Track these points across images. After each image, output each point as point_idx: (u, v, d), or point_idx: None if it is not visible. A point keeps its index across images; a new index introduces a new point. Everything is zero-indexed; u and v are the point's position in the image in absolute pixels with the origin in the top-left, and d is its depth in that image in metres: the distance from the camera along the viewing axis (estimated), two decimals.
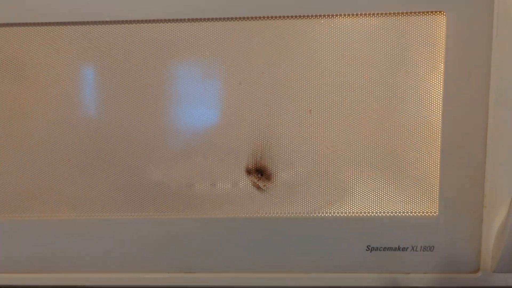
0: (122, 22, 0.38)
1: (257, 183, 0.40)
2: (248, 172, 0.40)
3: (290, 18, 0.37)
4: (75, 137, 0.40)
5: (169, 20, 0.37)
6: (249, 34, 0.38)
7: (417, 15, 0.37)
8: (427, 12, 0.36)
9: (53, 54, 0.39)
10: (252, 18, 0.37)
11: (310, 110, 0.39)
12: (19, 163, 0.41)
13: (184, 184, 0.41)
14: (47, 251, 0.42)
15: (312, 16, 0.37)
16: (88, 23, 0.38)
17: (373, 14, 0.37)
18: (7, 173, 0.41)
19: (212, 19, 0.37)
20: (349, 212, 0.40)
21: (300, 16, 0.37)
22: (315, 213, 0.40)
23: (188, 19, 0.37)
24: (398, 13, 0.37)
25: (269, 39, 0.38)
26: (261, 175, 0.40)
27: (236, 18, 0.37)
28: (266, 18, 0.37)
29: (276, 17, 0.37)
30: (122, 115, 0.39)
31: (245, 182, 0.40)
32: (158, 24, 0.38)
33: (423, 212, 0.39)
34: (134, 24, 0.38)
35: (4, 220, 0.41)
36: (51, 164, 0.41)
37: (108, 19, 0.38)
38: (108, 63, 0.39)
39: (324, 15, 0.37)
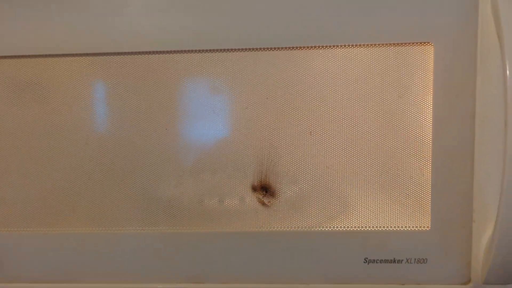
0: (139, 53, 0.42)
1: (262, 199, 0.43)
2: (254, 189, 0.43)
3: (292, 49, 0.41)
4: (94, 155, 0.43)
5: (182, 51, 0.41)
6: (255, 63, 0.41)
7: (408, 45, 0.40)
8: (417, 43, 0.40)
9: (73, 79, 0.42)
10: (258, 49, 0.41)
11: (310, 131, 0.42)
12: (42, 179, 0.44)
13: (195, 200, 0.43)
14: (64, 263, 0.44)
15: (312, 47, 0.40)
16: (105, 54, 0.42)
17: (368, 45, 0.40)
18: (30, 189, 0.44)
19: (223, 50, 0.41)
20: (348, 227, 0.42)
21: (301, 47, 0.41)
22: (316, 227, 0.42)
23: (202, 50, 0.41)
24: (391, 44, 0.40)
25: (273, 67, 0.41)
26: (266, 192, 0.42)
27: (244, 49, 0.41)
28: (270, 49, 0.41)
29: (279, 48, 0.41)
30: (138, 136, 0.43)
31: (251, 198, 0.43)
32: (173, 54, 0.41)
33: (416, 227, 0.42)
34: (151, 55, 0.42)
35: (24, 233, 0.44)
36: (71, 180, 0.44)
37: (126, 51, 0.41)
38: (124, 88, 0.42)
39: (323, 46, 0.40)
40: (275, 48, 0.41)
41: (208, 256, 0.43)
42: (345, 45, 0.40)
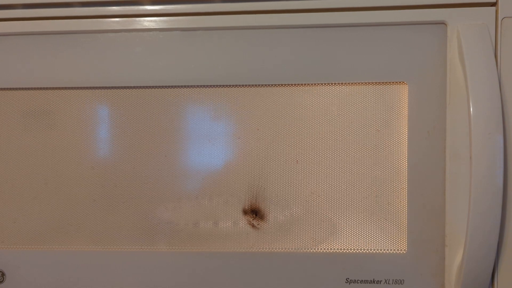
0: (143, 87, 0.46)
1: (252, 221, 0.46)
2: (244, 212, 0.46)
3: (281, 86, 0.45)
4: (99, 180, 0.47)
5: (183, 86, 0.45)
6: (247, 98, 0.45)
7: (385, 85, 0.44)
8: (393, 82, 0.44)
9: (81, 109, 0.46)
10: (249, 85, 0.45)
11: (297, 160, 0.45)
12: (51, 201, 0.47)
13: (191, 223, 0.47)
14: (68, 278, 0.47)
15: (299, 84, 0.45)
16: (112, 87, 0.46)
17: (350, 83, 0.44)
18: (39, 210, 0.47)
19: (220, 85, 0.45)
20: (331, 249, 0.45)
21: (289, 85, 0.45)
22: (301, 249, 0.45)
23: (200, 86, 0.45)
24: (370, 83, 0.44)
25: (263, 102, 0.45)
26: (256, 215, 0.46)
27: (238, 86, 0.45)
28: (261, 86, 0.45)
29: (268, 85, 0.45)
30: (139, 162, 0.46)
31: (242, 221, 0.46)
32: (173, 89, 0.46)
33: (394, 250, 0.45)
34: (153, 89, 0.46)
35: (32, 250, 0.47)
36: (77, 202, 0.47)
37: (131, 85, 0.46)
38: (127, 118, 0.46)
39: (309, 84, 0.45)
40: (265, 85, 0.45)
41: (203, 273, 0.46)
42: (328, 83, 0.45)
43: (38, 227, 0.47)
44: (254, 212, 0.46)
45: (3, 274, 0.48)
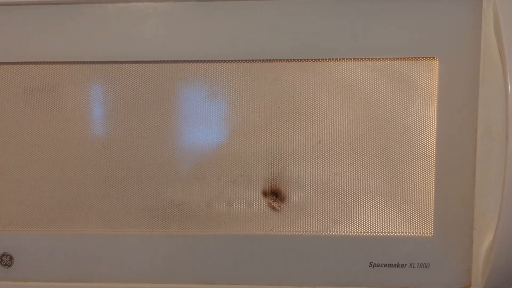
0: (157, 62, 0.43)
1: (272, 204, 0.44)
2: (264, 194, 0.44)
3: (304, 61, 0.42)
4: (112, 160, 0.45)
5: (197, 61, 0.43)
6: (268, 74, 0.43)
7: (414, 60, 0.42)
8: (423, 58, 0.42)
9: (90, 86, 0.44)
10: (270, 60, 0.42)
11: (319, 140, 0.43)
12: (60, 183, 0.45)
13: (204, 204, 0.45)
14: (78, 262, 0.45)
15: (322, 59, 0.42)
16: (123, 62, 0.43)
17: (377, 59, 0.42)
18: (48, 191, 0.45)
19: (239, 61, 0.42)
20: (354, 232, 0.44)
21: (312, 59, 0.42)
22: (323, 232, 0.44)
23: (219, 61, 0.43)
24: (398, 58, 0.42)
25: (286, 79, 0.43)
26: (276, 197, 0.44)
27: (258, 61, 0.42)
28: (282, 61, 0.42)
29: (292, 60, 0.42)
30: (151, 143, 0.44)
31: (262, 203, 0.44)
32: (189, 64, 0.43)
33: (420, 233, 0.43)
34: (166, 64, 0.43)
35: (40, 233, 0.45)
36: (88, 183, 0.45)
37: (143, 59, 0.43)
38: (139, 96, 0.44)
39: (334, 59, 0.42)
40: (288, 60, 0.43)
41: (217, 257, 0.45)
42: (354, 59, 0.42)
43: (47, 209, 0.46)
44: (275, 194, 0.44)
45: (11, 258, 0.46)
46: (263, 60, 0.43)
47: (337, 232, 0.44)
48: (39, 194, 0.45)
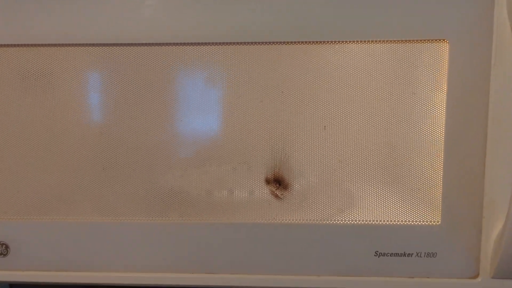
0: (155, 44, 0.42)
1: (275, 191, 0.43)
2: (267, 181, 0.43)
3: (308, 43, 0.41)
4: (110, 146, 0.43)
5: (199, 44, 0.41)
6: (270, 57, 0.41)
7: (423, 42, 0.40)
8: (432, 40, 0.40)
9: (86, 70, 0.42)
10: (274, 43, 0.41)
11: (324, 126, 0.42)
12: (57, 170, 0.44)
13: (204, 192, 0.44)
14: (75, 251, 0.44)
15: (327, 42, 0.41)
16: (117, 44, 0.42)
17: (383, 41, 0.40)
18: (44, 178, 0.44)
19: (240, 43, 0.41)
20: (359, 220, 0.43)
21: (316, 42, 0.41)
22: (328, 220, 0.43)
23: (219, 43, 0.41)
24: (406, 41, 0.40)
25: (289, 62, 0.41)
26: (279, 184, 0.43)
27: (260, 43, 0.41)
28: (287, 43, 0.41)
29: (295, 42, 0.41)
30: (150, 129, 0.43)
31: (264, 191, 0.43)
32: (189, 46, 0.41)
33: (426, 221, 0.42)
34: (165, 47, 0.42)
35: (36, 221, 0.44)
36: (86, 170, 0.44)
37: (143, 42, 0.41)
38: (137, 80, 0.42)
39: (338, 41, 0.41)
40: (291, 43, 0.41)
41: (218, 247, 0.44)
42: (359, 41, 0.41)
43: (43, 197, 0.44)
44: (278, 182, 0.43)
45: (6, 247, 0.45)
46: (265, 43, 0.41)
47: (342, 220, 0.43)
48: (35, 182, 0.44)
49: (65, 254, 0.45)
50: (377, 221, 0.43)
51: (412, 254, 0.42)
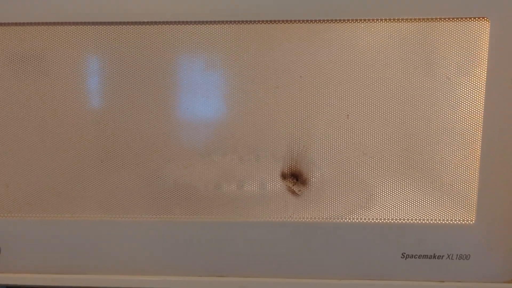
0: (156, 23, 0.38)
1: (292, 187, 0.40)
2: (283, 176, 0.40)
3: (330, 22, 0.37)
4: (108, 136, 0.40)
5: (210, 22, 0.38)
6: (288, 38, 0.38)
7: (460, 21, 0.36)
8: (471, 18, 0.36)
9: (80, 52, 0.39)
10: (290, 21, 0.37)
11: (347, 114, 0.39)
12: (49, 162, 0.41)
13: (212, 186, 0.41)
14: (72, 252, 0.42)
15: (352, 20, 0.37)
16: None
17: (415, 19, 0.37)
18: (36, 172, 0.41)
19: (252, 21, 0.37)
20: (385, 219, 0.40)
21: (340, 20, 0.37)
22: (350, 219, 0.40)
23: (229, 21, 0.37)
24: (440, 19, 0.36)
25: (309, 44, 0.38)
26: (296, 179, 0.39)
27: (275, 21, 0.37)
28: (306, 22, 0.37)
29: (316, 20, 0.37)
30: (152, 117, 0.40)
31: (280, 187, 0.40)
32: (198, 25, 0.38)
33: (459, 220, 0.39)
34: (169, 25, 0.38)
35: (28, 219, 0.42)
36: (82, 163, 0.41)
37: (145, 20, 0.38)
38: (138, 65, 0.39)
39: (365, 20, 0.37)
40: (311, 21, 0.37)
41: (228, 247, 0.41)
42: (389, 19, 0.37)
43: (37, 192, 0.42)
44: (295, 176, 0.40)
45: None
46: (282, 21, 0.37)
47: (365, 219, 0.40)
48: (26, 176, 0.41)
49: (61, 255, 0.42)
50: (404, 220, 0.40)
51: (442, 256, 0.40)
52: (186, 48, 0.39)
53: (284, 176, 0.40)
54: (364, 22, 0.37)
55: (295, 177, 0.39)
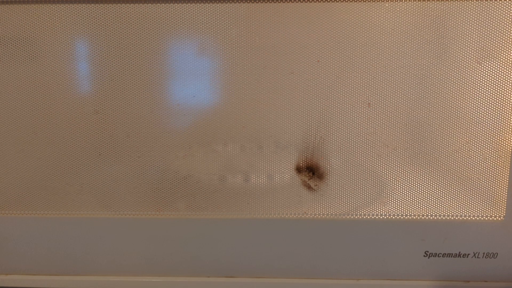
0: (157, 1, 0.35)
1: (308, 182, 0.37)
2: (298, 170, 0.37)
3: (350, 0, 0.34)
4: (106, 127, 0.38)
5: (218, 0, 0.35)
6: (305, 18, 0.35)
7: (490, 0, 0.34)
8: None
9: (72, 34, 0.37)
10: (305, 0, 0.34)
11: (369, 103, 0.36)
12: (42, 155, 0.39)
13: (216, 178, 0.39)
14: (68, 252, 0.41)
15: None
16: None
17: None
18: (28, 166, 0.39)
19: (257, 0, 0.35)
20: (407, 215, 0.38)
21: None
22: (370, 215, 0.38)
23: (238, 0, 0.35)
24: None
25: (327, 24, 0.35)
26: (313, 173, 0.37)
27: (285, 0, 0.34)
28: (324, 0, 0.34)
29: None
30: (153, 106, 0.38)
31: (295, 181, 0.38)
32: (205, 3, 0.35)
33: (487, 216, 0.37)
34: (168, 4, 0.35)
35: (21, 217, 0.40)
36: (78, 156, 0.39)
37: None
38: (137, 49, 0.37)
39: None
40: (327, 0, 0.35)
41: (238, 246, 0.39)
42: None
43: (29, 188, 0.40)
44: (311, 170, 0.37)
45: None
46: (294, 0, 0.35)
47: (386, 215, 0.38)
48: (18, 170, 0.40)
49: (55, 255, 0.41)
50: (427, 216, 0.38)
51: (468, 254, 0.38)
52: (189, 28, 0.36)
53: (299, 170, 0.37)
54: (389, 1, 0.34)
55: (311, 171, 0.37)
